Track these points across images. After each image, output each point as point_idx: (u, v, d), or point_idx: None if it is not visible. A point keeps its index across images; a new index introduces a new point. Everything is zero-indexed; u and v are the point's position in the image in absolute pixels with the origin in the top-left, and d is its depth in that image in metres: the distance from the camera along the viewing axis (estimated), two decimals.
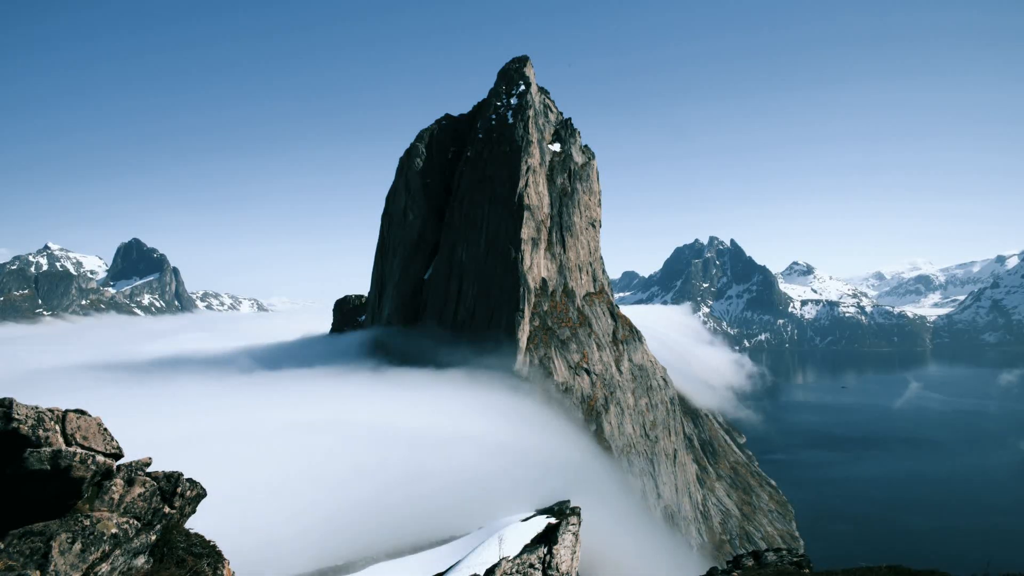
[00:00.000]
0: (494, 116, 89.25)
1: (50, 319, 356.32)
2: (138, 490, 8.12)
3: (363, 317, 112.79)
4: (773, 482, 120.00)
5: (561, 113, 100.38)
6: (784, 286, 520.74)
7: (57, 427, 7.37)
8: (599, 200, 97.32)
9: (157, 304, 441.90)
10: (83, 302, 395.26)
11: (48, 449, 7.09)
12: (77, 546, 6.89)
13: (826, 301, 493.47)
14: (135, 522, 7.90)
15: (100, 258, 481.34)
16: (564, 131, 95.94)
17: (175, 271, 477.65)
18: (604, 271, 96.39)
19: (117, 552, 7.41)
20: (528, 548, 16.56)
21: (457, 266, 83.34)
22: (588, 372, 76.51)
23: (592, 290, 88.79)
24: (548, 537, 17.17)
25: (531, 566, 15.66)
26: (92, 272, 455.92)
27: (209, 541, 9.39)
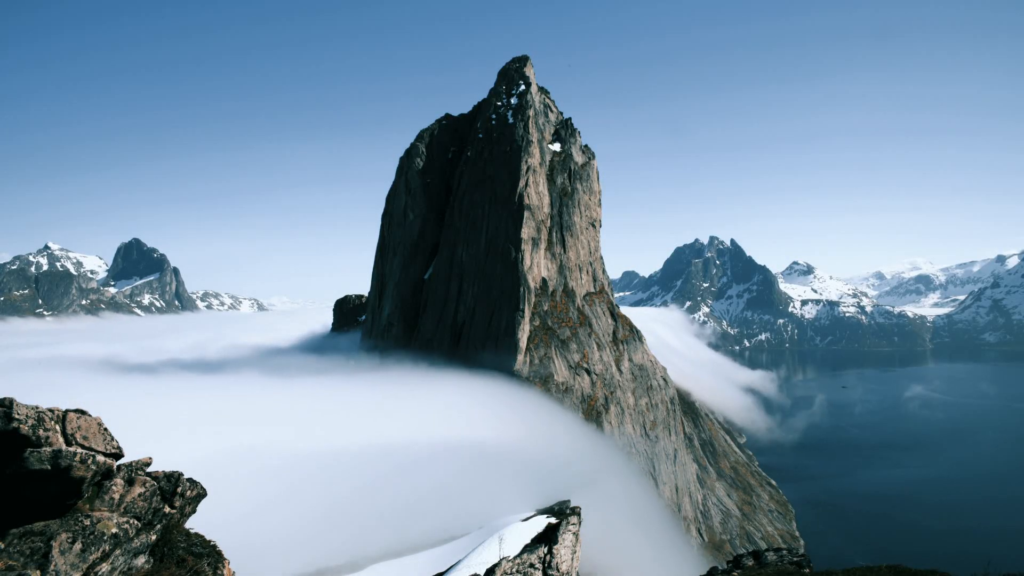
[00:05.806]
0: (494, 116, 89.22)
1: (51, 319, 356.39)
2: (138, 490, 8.12)
3: (363, 317, 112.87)
4: (773, 482, 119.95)
5: (561, 113, 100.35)
6: (784, 286, 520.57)
7: (57, 427, 7.36)
8: (599, 200, 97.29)
9: (157, 304, 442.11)
10: (83, 302, 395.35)
11: (48, 449, 7.08)
12: (77, 546, 6.90)
13: (826, 301, 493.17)
14: (135, 522, 7.90)
15: (100, 258, 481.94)
16: (564, 131, 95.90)
17: (175, 271, 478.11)
18: (604, 271, 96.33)
19: (117, 552, 7.42)
20: (528, 548, 16.56)
21: (457, 266, 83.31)
22: (588, 372, 76.49)
23: (592, 290, 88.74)
24: (548, 537, 17.16)
25: (531, 566, 15.65)
26: (92, 272, 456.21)
27: (209, 541, 9.39)
